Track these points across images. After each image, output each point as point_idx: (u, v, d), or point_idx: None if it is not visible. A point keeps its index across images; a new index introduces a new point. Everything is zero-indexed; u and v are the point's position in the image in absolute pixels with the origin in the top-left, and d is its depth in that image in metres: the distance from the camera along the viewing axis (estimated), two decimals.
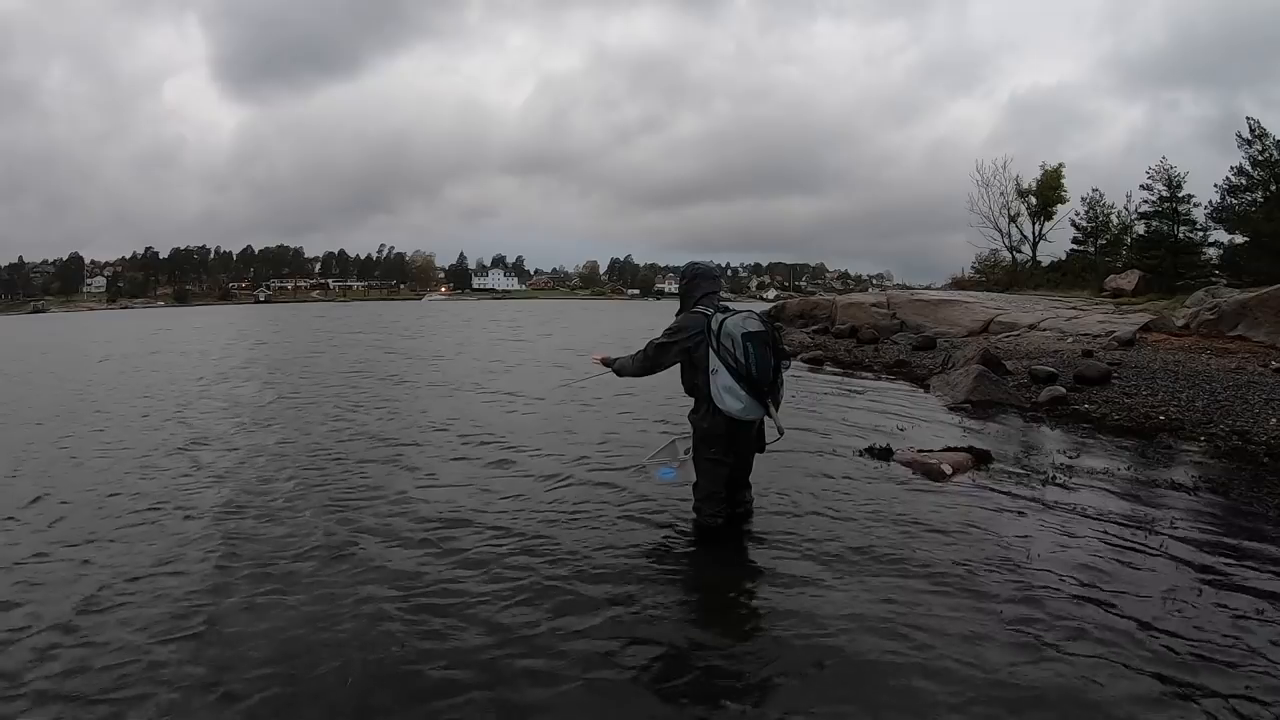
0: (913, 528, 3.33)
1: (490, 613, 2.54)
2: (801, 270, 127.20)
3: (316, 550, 3.14)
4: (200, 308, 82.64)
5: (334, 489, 4.10)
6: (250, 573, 2.92)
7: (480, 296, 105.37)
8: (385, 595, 2.68)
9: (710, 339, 3.01)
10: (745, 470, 3.32)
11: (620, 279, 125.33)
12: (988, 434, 5.50)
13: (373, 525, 3.46)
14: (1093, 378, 7.13)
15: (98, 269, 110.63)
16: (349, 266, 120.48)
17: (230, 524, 3.51)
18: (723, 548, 3.16)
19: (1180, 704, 1.99)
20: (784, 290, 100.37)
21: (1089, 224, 25.21)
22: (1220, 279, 17.77)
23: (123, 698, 2.08)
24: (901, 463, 4.44)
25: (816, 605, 2.57)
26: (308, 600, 2.66)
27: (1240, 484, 3.99)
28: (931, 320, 14.45)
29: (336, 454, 4.98)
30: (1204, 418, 5.51)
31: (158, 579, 2.88)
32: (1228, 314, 9.85)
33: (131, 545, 3.26)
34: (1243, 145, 19.76)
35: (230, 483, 4.28)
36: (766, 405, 3.02)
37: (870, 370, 9.76)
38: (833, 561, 2.95)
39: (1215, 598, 2.61)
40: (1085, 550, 3.05)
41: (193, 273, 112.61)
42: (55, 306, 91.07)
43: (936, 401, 7.01)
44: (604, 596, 2.67)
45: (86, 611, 2.61)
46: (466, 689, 2.10)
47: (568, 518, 3.51)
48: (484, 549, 3.12)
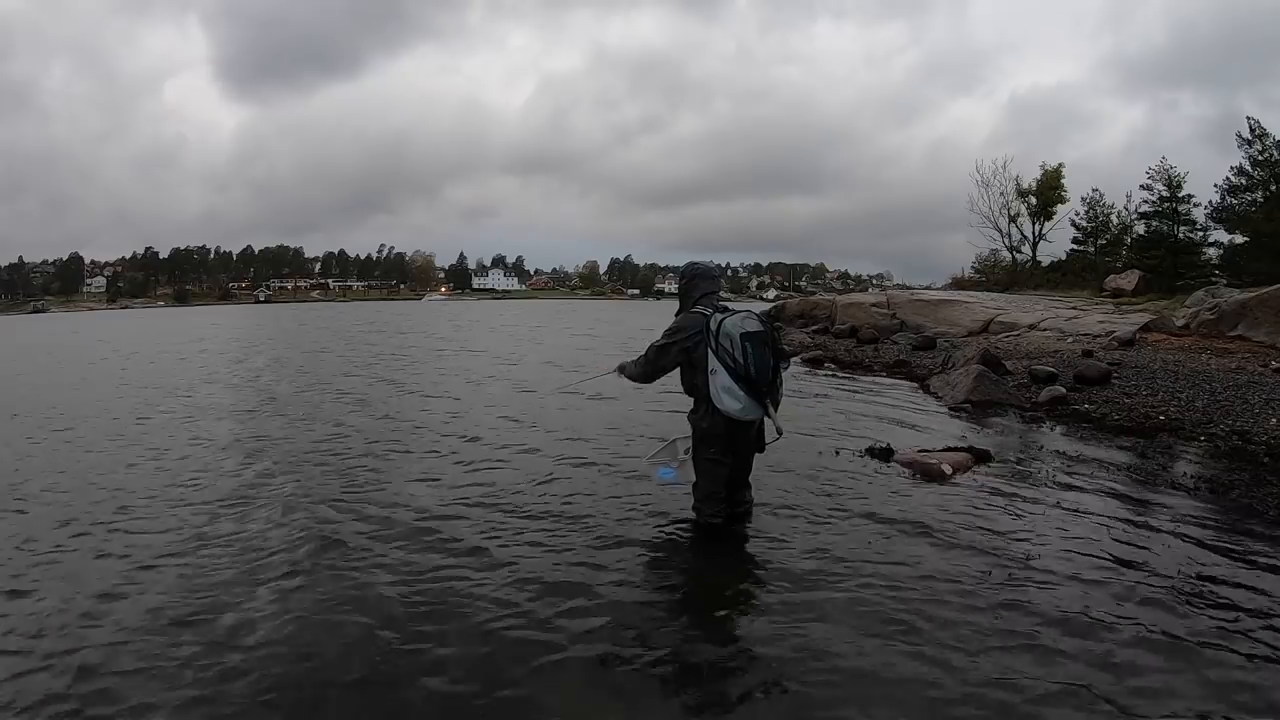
0: (912, 528, 3.32)
1: (488, 612, 2.54)
2: (801, 270, 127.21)
3: (317, 549, 3.13)
4: (200, 308, 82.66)
5: (335, 486, 4.09)
6: (249, 570, 2.91)
7: (480, 296, 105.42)
8: (386, 594, 2.68)
9: (709, 339, 3.01)
10: (745, 470, 3.31)
11: (620, 279, 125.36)
12: (988, 434, 5.50)
13: (373, 524, 3.45)
14: (1093, 378, 7.13)
15: (98, 269, 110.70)
16: (349, 266, 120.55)
17: (233, 520, 3.52)
18: (722, 547, 3.16)
19: (1180, 704, 1.98)
20: (784, 290, 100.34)
21: (1089, 224, 25.21)
22: (1220, 279, 17.77)
23: (125, 695, 2.08)
24: (901, 463, 4.44)
25: (816, 605, 2.56)
26: (308, 599, 2.66)
27: (1240, 484, 3.99)
28: (931, 320, 14.45)
29: (338, 453, 4.98)
30: (1204, 418, 5.51)
31: (165, 570, 2.89)
32: (1228, 314, 9.85)
33: (154, 525, 3.27)
34: (1243, 145, 19.79)
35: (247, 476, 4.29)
36: (766, 406, 3.01)
37: (870, 370, 9.76)
38: (832, 561, 2.94)
39: (1215, 598, 2.60)
40: (1085, 550, 3.05)
41: (193, 273, 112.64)
42: (55, 306, 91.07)
43: (936, 401, 7.01)
44: (604, 596, 2.66)
45: (87, 606, 2.61)
46: (465, 688, 2.10)
47: (567, 517, 3.51)
48: (481, 548, 3.12)
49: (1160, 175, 21.60)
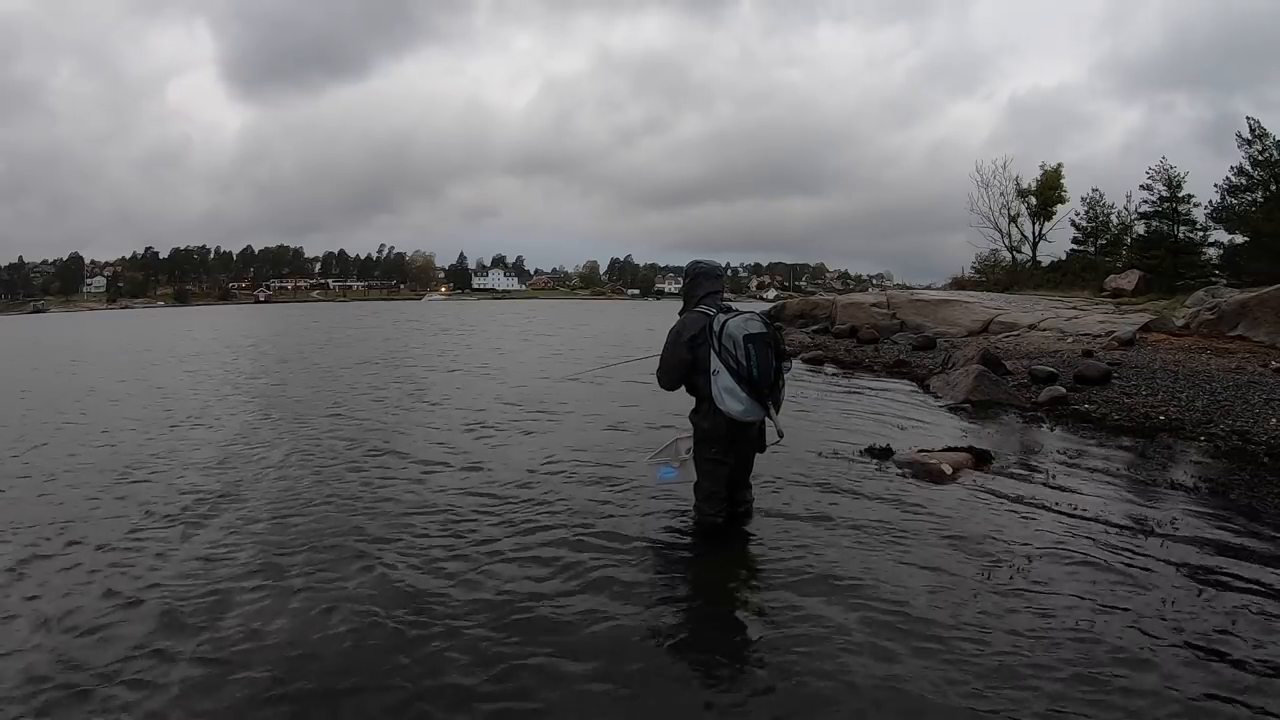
0: (912, 528, 3.33)
1: (488, 611, 2.54)
2: (801, 270, 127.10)
3: (318, 548, 3.14)
4: (201, 308, 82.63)
5: (336, 485, 4.10)
6: (248, 569, 2.92)
7: (480, 296, 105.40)
8: (385, 594, 2.68)
9: (711, 340, 3.02)
10: (746, 470, 3.32)
11: (620, 279, 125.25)
12: (988, 434, 5.50)
13: (374, 523, 3.46)
14: (1093, 378, 7.13)
15: (98, 269, 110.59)
16: (349, 266, 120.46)
17: (240, 515, 3.53)
18: (723, 547, 3.16)
19: (1180, 704, 1.99)
20: (784, 290, 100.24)
21: (1089, 224, 25.19)
22: (1220, 279, 17.78)
23: (130, 690, 2.09)
24: (901, 463, 4.44)
25: (815, 605, 2.57)
26: (308, 598, 2.66)
27: (1240, 484, 4.00)
28: (931, 320, 14.45)
29: (340, 454, 4.99)
30: (1204, 418, 5.51)
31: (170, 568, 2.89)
32: (1228, 314, 9.85)
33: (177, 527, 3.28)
34: (1243, 145, 19.77)
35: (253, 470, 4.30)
36: (767, 407, 3.02)
37: (870, 370, 9.76)
38: (831, 561, 2.95)
39: (1215, 598, 2.61)
40: (1085, 550, 3.05)
41: (193, 273, 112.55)
42: (55, 307, 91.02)
43: (936, 401, 7.01)
44: (604, 595, 2.67)
45: (85, 605, 2.62)
46: (464, 688, 2.10)
47: (568, 516, 3.51)
48: (482, 547, 3.12)
49: (1160, 175, 21.61)
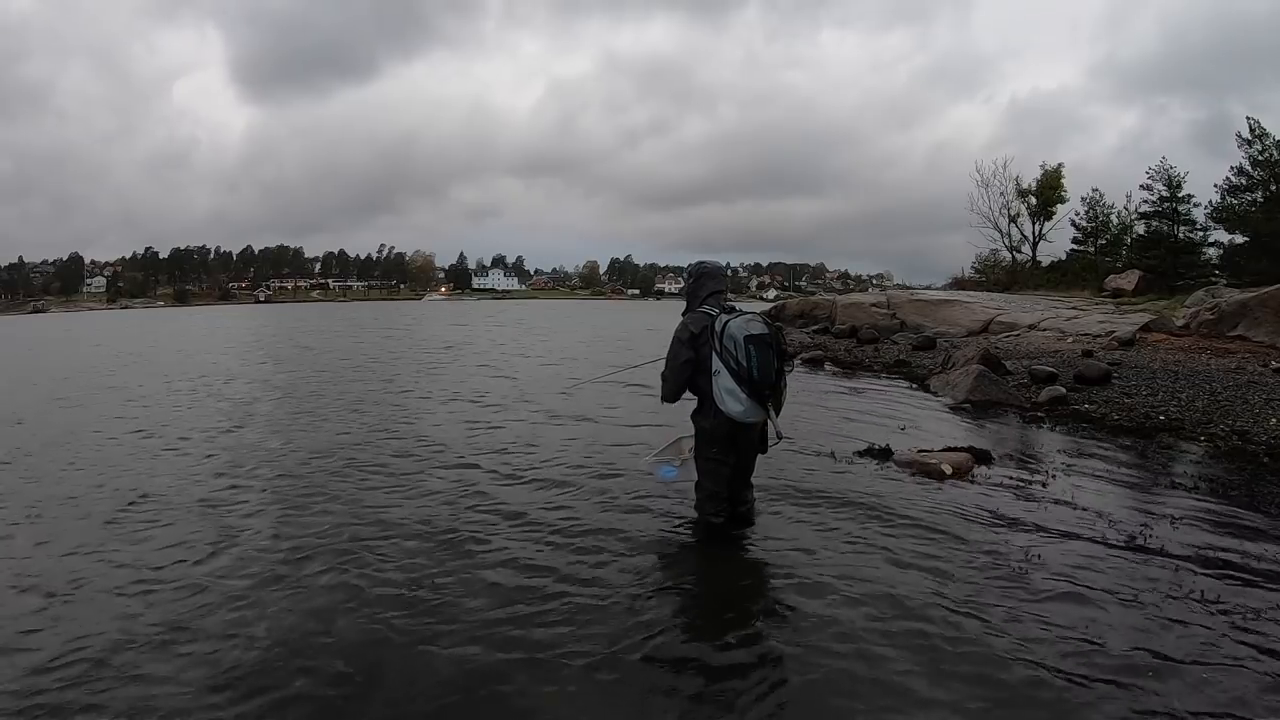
0: (912, 528, 3.33)
1: (487, 611, 2.55)
2: (802, 270, 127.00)
3: (319, 547, 3.15)
4: (201, 308, 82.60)
5: (334, 486, 4.11)
6: (248, 568, 2.92)
7: (480, 296, 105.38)
8: (384, 594, 2.69)
9: (713, 340, 3.02)
10: (747, 470, 3.32)
11: (620, 279, 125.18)
12: (987, 434, 5.51)
13: (376, 522, 3.46)
14: (1093, 378, 7.14)
15: (98, 269, 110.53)
16: (349, 266, 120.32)
17: (242, 513, 3.54)
18: (724, 547, 3.16)
19: (1181, 704, 1.99)
20: (784, 290, 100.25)
21: (1089, 224, 25.21)
22: (1220, 279, 17.81)
23: (125, 694, 2.09)
24: (901, 463, 4.45)
25: (815, 605, 2.57)
26: (308, 598, 2.67)
27: (1240, 484, 4.00)
28: (931, 320, 14.47)
29: (340, 454, 5.00)
30: (1204, 418, 5.52)
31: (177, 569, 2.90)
32: (1228, 314, 9.86)
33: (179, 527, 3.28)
34: (1243, 145, 19.79)
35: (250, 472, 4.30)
36: (768, 408, 3.02)
37: (870, 370, 9.77)
38: (831, 561, 2.95)
39: (1215, 598, 2.61)
40: (1085, 550, 3.06)
41: (193, 273, 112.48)
42: (55, 307, 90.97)
43: (936, 401, 7.02)
44: (604, 595, 2.67)
45: (88, 603, 2.62)
46: (465, 688, 2.10)
47: (568, 516, 3.52)
48: (482, 546, 3.13)
49: (1160, 175, 21.65)
